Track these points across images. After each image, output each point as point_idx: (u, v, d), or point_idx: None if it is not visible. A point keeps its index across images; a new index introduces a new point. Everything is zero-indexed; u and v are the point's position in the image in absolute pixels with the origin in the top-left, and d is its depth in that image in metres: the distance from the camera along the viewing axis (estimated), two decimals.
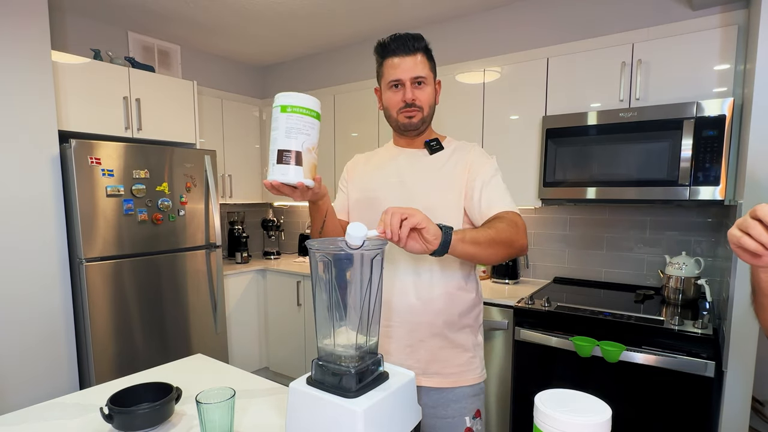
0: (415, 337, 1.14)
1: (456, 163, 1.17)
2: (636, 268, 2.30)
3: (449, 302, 1.15)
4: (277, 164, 0.90)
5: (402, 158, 1.23)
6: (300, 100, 0.90)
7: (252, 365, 3.20)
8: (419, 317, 1.14)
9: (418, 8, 2.62)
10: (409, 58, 1.11)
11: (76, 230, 2.13)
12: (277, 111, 0.90)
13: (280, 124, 0.89)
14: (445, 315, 1.15)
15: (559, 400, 0.63)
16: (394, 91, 1.15)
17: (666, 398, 1.66)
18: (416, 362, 1.15)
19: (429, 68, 1.14)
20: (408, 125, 1.17)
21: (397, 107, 1.15)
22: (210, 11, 2.63)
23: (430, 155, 1.20)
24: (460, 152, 1.19)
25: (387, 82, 1.15)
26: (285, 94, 0.90)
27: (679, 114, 1.80)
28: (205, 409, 0.86)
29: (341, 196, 1.33)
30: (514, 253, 1.05)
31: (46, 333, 2.10)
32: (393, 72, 1.12)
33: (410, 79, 1.12)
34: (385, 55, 1.14)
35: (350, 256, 0.79)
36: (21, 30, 1.98)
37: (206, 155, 2.65)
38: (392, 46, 1.12)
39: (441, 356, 1.15)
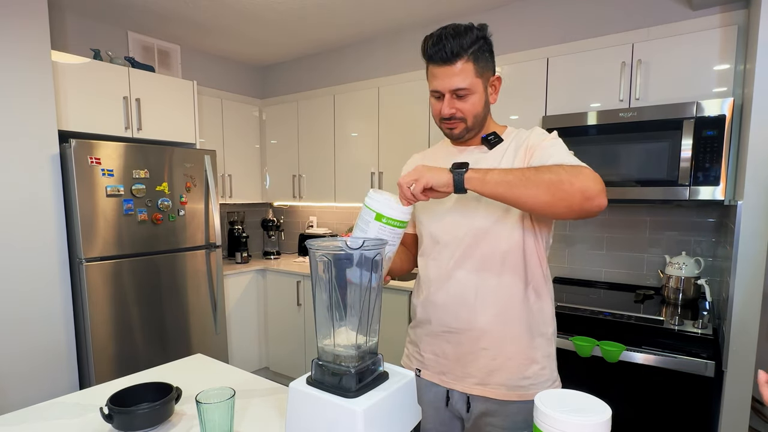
0: (477, 345, 1.06)
1: (516, 150, 1.06)
2: (636, 268, 2.30)
3: (516, 308, 1.05)
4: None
5: (462, 158, 1.13)
6: (395, 213, 0.91)
7: (252, 365, 3.20)
8: (480, 324, 1.05)
9: (417, 8, 2.62)
10: (449, 68, 0.99)
11: (76, 230, 2.13)
12: (372, 215, 0.91)
13: (371, 229, 0.91)
14: (511, 322, 1.05)
15: (559, 400, 0.63)
16: (437, 101, 1.06)
17: (666, 398, 1.66)
18: (476, 370, 1.07)
19: (475, 73, 1.01)
20: (450, 136, 1.10)
21: (438, 117, 1.08)
22: (210, 11, 2.63)
23: (489, 150, 1.11)
24: (519, 138, 1.09)
25: (430, 90, 1.06)
26: (384, 198, 0.91)
27: (679, 114, 1.80)
28: (205, 409, 0.86)
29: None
30: (576, 200, 0.86)
31: (46, 333, 2.10)
32: (433, 81, 1.04)
33: (449, 92, 1.02)
34: (427, 60, 1.04)
35: (350, 256, 0.79)
36: (21, 30, 1.98)
37: (206, 155, 2.65)
38: (431, 51, 1.00)
39: (506, 366, 1.06)
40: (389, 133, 2.82)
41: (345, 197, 3.09)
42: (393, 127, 2.80)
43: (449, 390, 1.13)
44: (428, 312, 1.14)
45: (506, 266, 1.05)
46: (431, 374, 1.15)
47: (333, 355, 0.80)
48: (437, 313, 1.12)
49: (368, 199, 0.92)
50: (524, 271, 1.06)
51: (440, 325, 1.11)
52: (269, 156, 3.54)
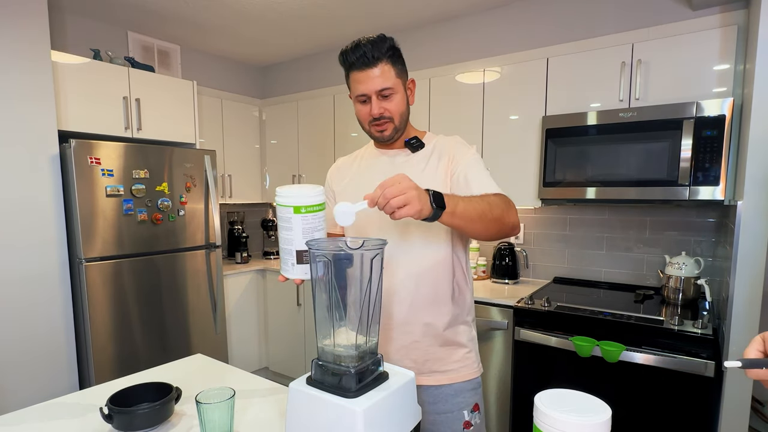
0: (409, 338, 1.15)
1: (439, 158, 1.15)
2: (636, 268, 2.30)
3: (442, 300, 1.15)
4: (298, 264, 0.92)
5: (384, 160, 1.21)
6: (313, 199, 0.90)
7: (252, 365, 3.20)
8: (412, 317, 1.14)
9: (417, 8, 2.62)
10: (371, 71, 1.07)
11: (75, 230, 2.13)
12: (289, 212, 0.89)
13: (295, 225, 0.90)
14: (438, 313, 1.15)
15: (559, 400, 0.63)
16: (363, 105, 1.12)
17: (666, 398, 1.66)
18: (412, 362, 1.15)
19: (395, 74, 1.10)
20: (380, 138, 1.16)
21: (367, 120, 1.14)
22: (210, 11, 2.63)
23: (412, 153, 1.19)
24: (441, 146, 1.18)
25: (354, 96, 1.13)
26: (291, 192, 0.90)
27: (679, 114, 1.80)
28: (205, 409, 0.86)
29: (329, 209, 1.24)
30: (506, 231, 1.04)
31: (46, 333, 2.10)
32: (357, 87, 1.10)
33: (375, 93, 1.08)
34: (348, 68, 1.11)
35: (350, 256, 0.79)
36: (21, 30, 1.98)
37: (206, 155, 2.65)
38: (352, 58, 1.07)
39: (437, 354, 1.16)
40: None
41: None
42: None
43: None
44: None
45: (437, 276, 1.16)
46: None
47: (333, 355, 0.80)
48: None
49: (279, 198, 0.91)
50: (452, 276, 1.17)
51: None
52: (269, 156, 3.54)
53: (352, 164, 1.29)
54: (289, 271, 0.93)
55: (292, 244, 0.91)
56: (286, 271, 0.94)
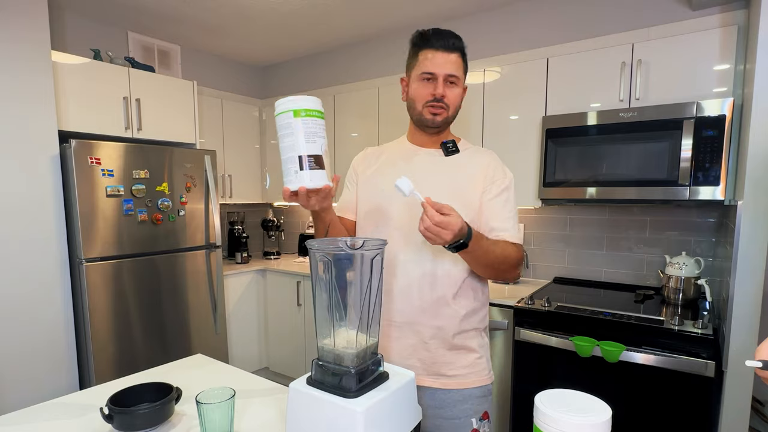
0: (418, 337, 1.14)
1: (474, 170, 1.15)
2: (636, 268, 2.30)
3: (455, 303, 1.14)
4: (301, 170, 0.88)
5: (417, 158, 1.19)
6: (312, 104, 0.88)
7: (252, 365, 3.20)
8: (423, 318, 1.13)
9: (417, 8, 2.62)
10: (447, 55, 1.09)
11: (76, 230, 2.13)
12: (289, 116, 0.87)
13: (296, 129, 0.87)
14: (450, 317, 1.13)
15: (559, 400, 0.63)
16: (425, 83, 1.11)
17: (666, 398, 1.66)
18: (419, 362, 1.14)
19: (462, 70, 1.13)
20: (431, 122, 1.14)
21: (424, 100, 1.12)
22: (210, 11, 2.63)
23: (445, 156, 1.18)
24: (478, 158, 1.17)
25: (419, 73, 1.11)
26: (291, 98, 0.88)
27: (679, 114, 1.80)
28: (205, 409, 0.86)
29: (349, 192, 1.28)
30: (511, 277, 1.15)
31: (46, 333, 2.10)
32: (428, 64, 1.09)
33: (444, 75, 1.09)
34: (423, 45, 1.11)
35: (350, 256, 0.79)
36: (21, 30, 1.98)
37: (206, 155, 2.65)
38: (433, 38, 1.09)
39: (445, 358, 1.14)
40: (389, 133, 2.81)
41: None
42: (393, 127, 2.80)
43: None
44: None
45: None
46: None
47: (333, 355, 0.80)
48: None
49: (278, 107, 0.89)
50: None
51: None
52: (269, 156, 3.54)
53: (381, 154, 1.27)
54: (292, 180, 0.89)
55: (294, 150, 0.87)
56: (290, 182, 0.89)
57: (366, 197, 1.22)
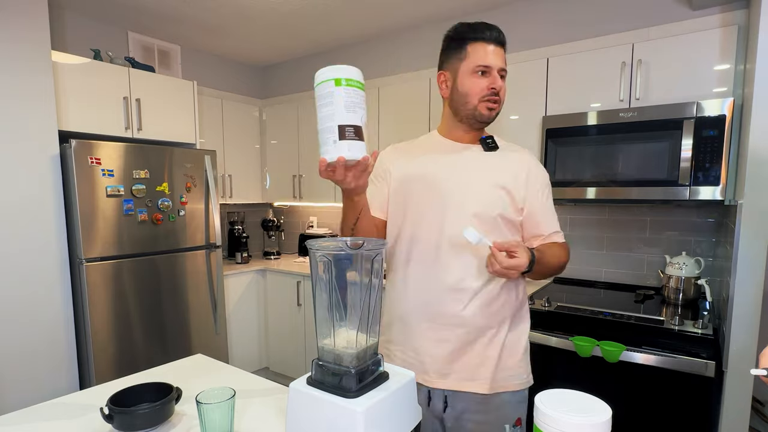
0: (463, 340, 1.10)
1: (516, 168, 1.13)
2: (636, 268, 2.30)
3: (509, 305, 1.12)
4: (340, 140, 0.83)
5: (455, 152, 1.15)
6: (353, 74, 0.85)
7: (252, 365, 3.20)
8: (470, 320, 1.09)
9: (418, 8, 2.62)
10: (499, 50, 1.08)
11: (76, 230, 2.13)
12: (330, 85, 0.84)
13: (336, 98, 0.83)
14: (502, 317, 1.11)
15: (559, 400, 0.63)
16: (479, 77, 1.07)
17: (666, 398, 1.66)
18: (462, 366, 1.11)
19: (505, 67, 1.11)
20: (487, 117, 1.11)
21: (481, 94, 1.08)
22: (210, 11, 2.63)
23: (485, 152, 1.15)
24: (517, 155, 1.16)
25: (473, 66, 1.07)
26: (332, 67, 0.85)
27: (679, 114, 1.80)
28: (205, 409, 0.86)
29: (377, 188, 1.19)
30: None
31: (46, 333, 2.10)
32: (484, 57, 1.06)
33: (498, 68, 1.07)
34: (474, 38, 1.07)
35: (350, 256, 0.79)
36: (21, 30, 1.98)
37: (206, 155, 2.65)
38: (485, 31, 1.06)
39: (492, 361, 1.11)
40: (389, 132, 2.82)
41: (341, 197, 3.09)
42: (393, 127, 2.80)
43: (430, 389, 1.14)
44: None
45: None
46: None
47: (333, 355, 0.80)
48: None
49: (318, 76, 0.86)
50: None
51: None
52: (269, 156, 3.54)
53: (415, 150, 1.21)
54: (330, 151, 0.85)
55: (333, 120, 0.84)
56: (327, 152, 0.85)
57: (402, 191, 1.16)
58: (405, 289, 1.15)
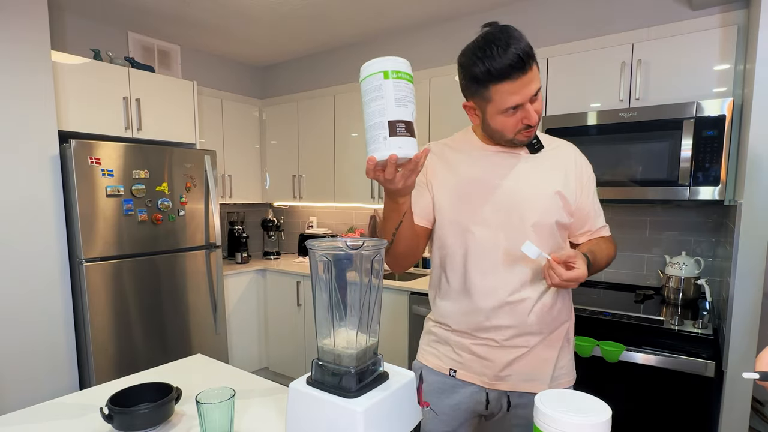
0: (529, 341, 1.07)
1: (565, 165, 1.09)
2: (636, 268, 2.30)
3: (561, 302, 1.11)
4: (391, 137, 0.78)
5: (501, 158, 1.09)
6: (403, 66, 0.80)
7: (252, 365, 3.20)
8: (535, 317, 1.07)
9: (418, 8, 2.62)
10: (526, 76, 0.92)
11: (76, 230, 2.13)
12: (379, 78, 0.78)
13: (386, 92, 0.78)
14: (556, 321, 1.10)
15: (559, 400, 0.63)
16: (512, 114, 0.97)
17: (666, 398, 1.66)
18: (524, 366, 1.08)
19: (539, 77, 0.98)
20: (524, 142, 1.05)
21: (515, 129, 1.00)
22: (210, 11, 2.63)
23: (531, 154, 1.09)
24: (563, 152, 1.11)
25: (501, 109, 0.97)
26: (380, 59, 0.79)
27: (679, 114, 1.80)
28: (205, 409, 0.86)
29: (420, 194, 1.12)
30: None
31: (46, 333, 2.10)
32: (510, 98, 0.94)
33: (529, 98, 0.95)
34: (497, 79, 0.93)
35: (350, 256, 0.79)
36: (21, 30, 1.98)
37: (206, 155, 2.65)
38: (501, 66, 0.91)
39: (548, 360, 1.09)
40: None
41: (345, 197, 3.09)
42: None
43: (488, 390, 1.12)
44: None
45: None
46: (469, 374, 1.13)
47: (333, 355, 0.80)
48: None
49: (365, 69, 0.80)
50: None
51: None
52: (269, 156, 3.54)
53: (452, 155, 1.14)
54: (380, 148, 0.79)
55: (383, 115, 0.78)
56: (377, 150, 0.80)
57: (447, 199, 1.10)
58: (459, 299, 1.11)
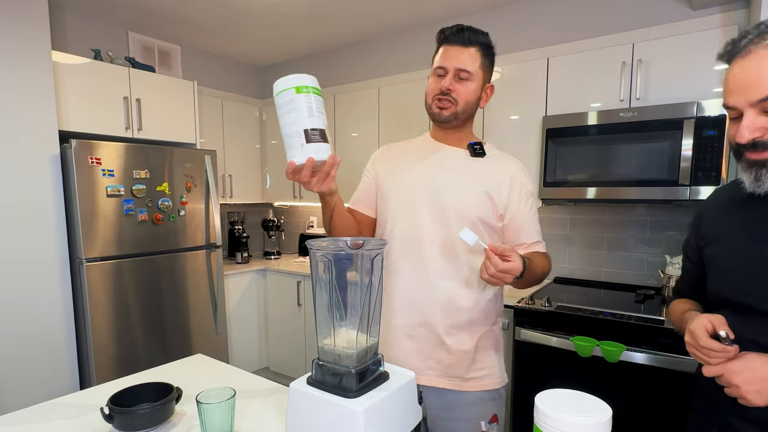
0: (437, 336, 1.13)
1: (503, 177, 1.15)
2: (636, 268, 2.30)
3: (478, 302, 1.13)
4: (307, 143, 0.88)
5: (442, 154, 1.19)
6: (312, 82, 0.90)
7: (252, 365, 3.20)
8: (444, 316, 1.12)
9: (418, 8, 2.62)
10: (461, 49, 1.09)
11: (76, 230, 2.13)
12: (291, 93, 0.88)
13: (299, 105, 0.88)
14: (470, 315, 1.13)
15: (559, 400, 0.63)
16: (436, 78, 1.12)
17: (666, 398, 1.66)
18: (436, 363, 1.13)
19: (479, 66, 1.12)
20: (438, 116, 1.14)
21: (433, 94, 1.13)
22: (210, 11, 2.63)
23: (472, 157, 1.17)
24: (505, 165, 1.17)
25: (433, 69, 1.13)
26: (289, 77, 0.89)
27: (680, 114, 1.80)
28: (206, 409, 0.86)
29: (365, 184, 1.27)
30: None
31: (46, 333, 2.10)
32: (440, 59, 1.11)
33: (454, 69, 1.09)
34: (441, 42, 1.13)
35: (350, 256, 0.79)
36: (21, 30, 1.98)
37: (206, 155, 2.65)
38: (449, 33, 1.11)
39: (464, 360, 1.13)
40: (389, 133, 2.82)
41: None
42: (393, 127, 2.80)
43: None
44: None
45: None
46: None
47: (333, 355, 0.80)
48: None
49: (278, 85, 0.90)
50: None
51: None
52: (270, 156, 3.54)
53: (402, 150, 1.26)
54: (298, 154, 0.89)
55: (298, 124, 0.88)
56: (295, 156, 0.89)
57: (388, 189, 1.21)
58: (390, 283, 1.17)
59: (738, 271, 0.84)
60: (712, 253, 0.91)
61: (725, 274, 0.87)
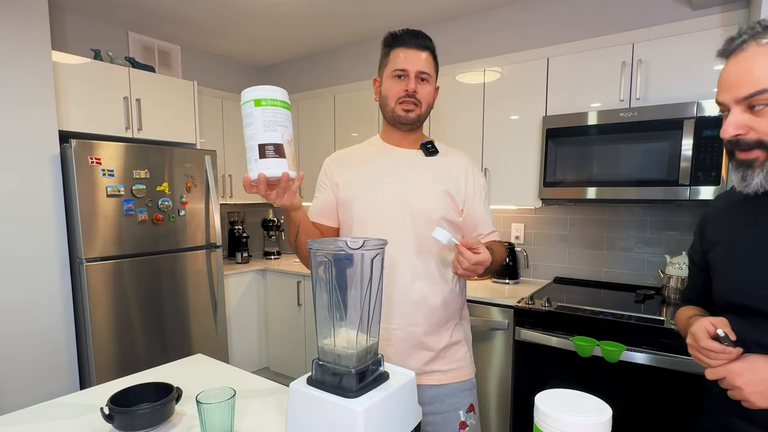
0: (416, 337, 1.15)
1: (457, 172, 1.19)
2: (636, 268, 2.30)
3: (449, 298, 1.17)
4: (260, 159, 0.88)
5: (396, 156, 1.21)
6: (273, 93, 0.89)
7: (252, 365, 3.20)
8: (421, 316, 1.14)
9: (418, 8, 2.62)
10: (420, 53, 1.13)
11: (76, 230, 2.13)
12: (250, 106, 0.88)
13: (255, 119, 0.88)
14: (445, 311, 1.17)
15: (559, 400, 0.63)
16: (397, 81, 1.14)
17: (666, 398, 1.66)
18: (416, 362, 1.15)
19: (433, 69, 1.17)
20: (404, 118, 1.16)
21: (397, 96, 1.14)
22: (210, 11, 2.63)
23: (426, 157, 1.21)
24: (457, 160, 1.22)
25: (391, 71, 1.14)
26: (254, 88, 0.89)
27: (680, 114, 1.80)
28: (206, 409, 0.86)
29: (324, 195, 1.26)
30: None
31: (46, 333, 2.10)
32: (400, 61, 1.13)
33: (415, 72, 1.12)
34: (395, 45, 1.15)
35: (350, 256, 0.79)
36: (21, 30, 1.98)
37: (206, 155, 2.65)
38: (404, 37, 1.13)
39: (441, 354, 1.17)
40: None
41: None
42: None
43: None
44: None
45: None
46: None
47: (333, 355, 0.80)
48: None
49: (242, 98, 0.90)
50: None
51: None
52: None
53: (356, 157, 1.26)
54: (252, 168, 0.90)
55: (254, 139, 0.88)
56: (250, 170, 0.90)
57: (347, 196, 1.20)
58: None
59: (740, 273, 0.84)
60: (716, 257, 0.92)
61: (728, 276, 0.88)
